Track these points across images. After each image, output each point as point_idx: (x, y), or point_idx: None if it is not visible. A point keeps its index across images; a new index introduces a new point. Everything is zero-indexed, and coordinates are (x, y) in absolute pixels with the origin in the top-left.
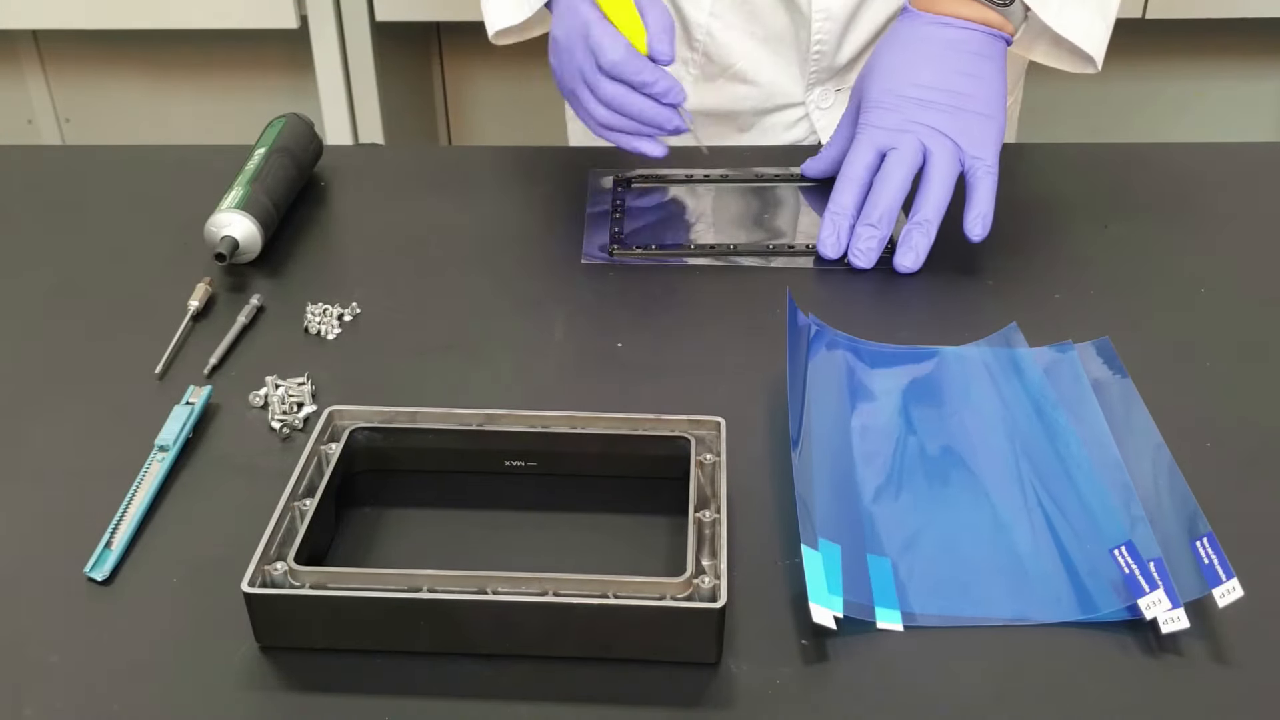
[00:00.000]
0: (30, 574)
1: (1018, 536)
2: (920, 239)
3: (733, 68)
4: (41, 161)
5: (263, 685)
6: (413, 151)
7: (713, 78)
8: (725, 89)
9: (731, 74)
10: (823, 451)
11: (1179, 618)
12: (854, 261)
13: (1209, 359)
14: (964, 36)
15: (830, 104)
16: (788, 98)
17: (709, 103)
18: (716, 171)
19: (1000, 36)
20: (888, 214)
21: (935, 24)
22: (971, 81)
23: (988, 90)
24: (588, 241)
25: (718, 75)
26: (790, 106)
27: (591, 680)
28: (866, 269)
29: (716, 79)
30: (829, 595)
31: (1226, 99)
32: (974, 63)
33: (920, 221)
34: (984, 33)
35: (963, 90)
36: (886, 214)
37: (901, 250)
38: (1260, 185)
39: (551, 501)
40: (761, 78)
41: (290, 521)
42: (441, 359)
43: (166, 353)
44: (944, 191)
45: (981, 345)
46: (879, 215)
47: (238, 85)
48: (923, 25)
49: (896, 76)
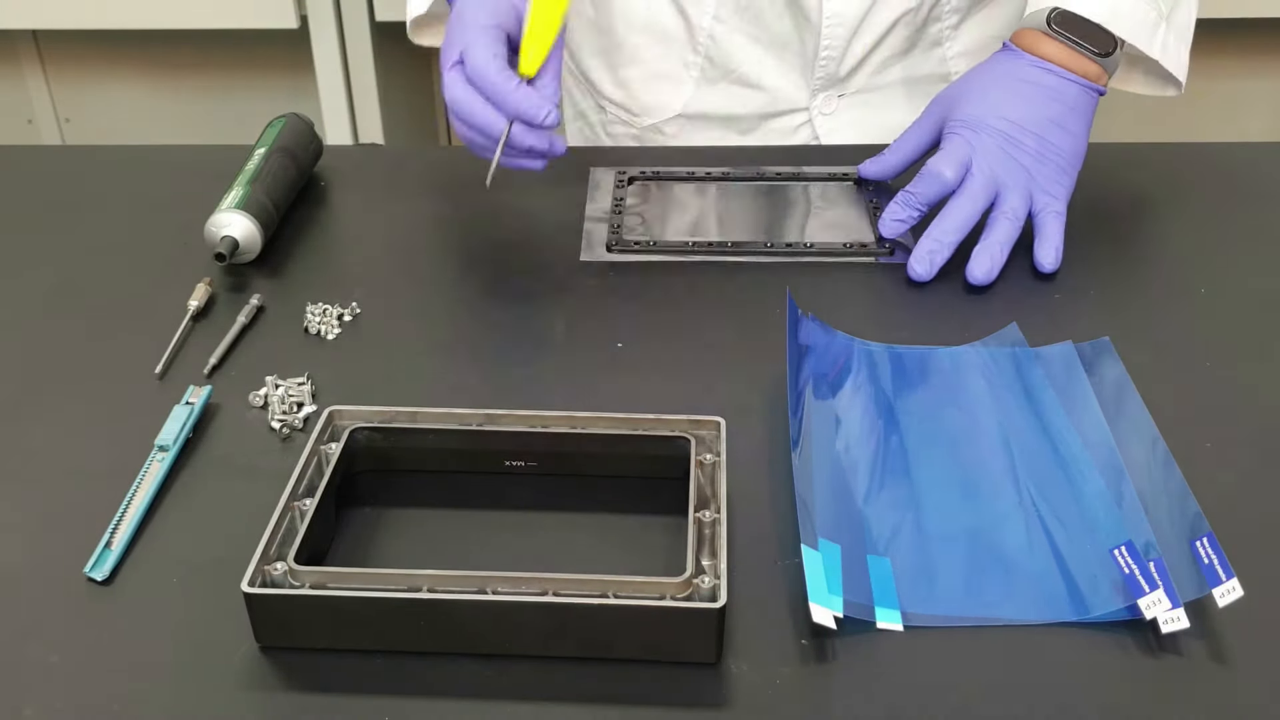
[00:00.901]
0: (30, 574)
1: (1019, 537)
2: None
3: (735, 71)
4: (41, 161)
5: (263, 685)
6: (413, 151)
7: (714, 81)
8: (728, 93)
9: (734, 78)
10: (823, 451)
11: (1179, 618)
12: (912, 273)
13: (1209, 359)
14: (1062, 86)
15: (833, 110)
16: (791, 103)
17: (710, 106)
18: (718, 170)
19: (1094, 90)
20: (958, 230)
21: (1036, 67)
22: (1059, 133)
23: (1073, 145)
24: (587, 240)
25: (720, 79)
26: (793, 112)
27: (591, 680)
28: (924, 280)
29: (718, 82)
30: (829, 595)
31: (1226, 99)
32: (1066, 115)
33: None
34: (1080, 85)
35: (1050, 139)
36: (958, 230)
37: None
38: (1260, 185)
39: (551, 501)
40: (765, 82)
41: (290, 521)
42: (441, 359)
43: (166, 353)
44: (1012, 229)
45: (981, 345)
46: (947, 228)
47: (238, 85)
48: (1024, 65)
49: (989, 107)
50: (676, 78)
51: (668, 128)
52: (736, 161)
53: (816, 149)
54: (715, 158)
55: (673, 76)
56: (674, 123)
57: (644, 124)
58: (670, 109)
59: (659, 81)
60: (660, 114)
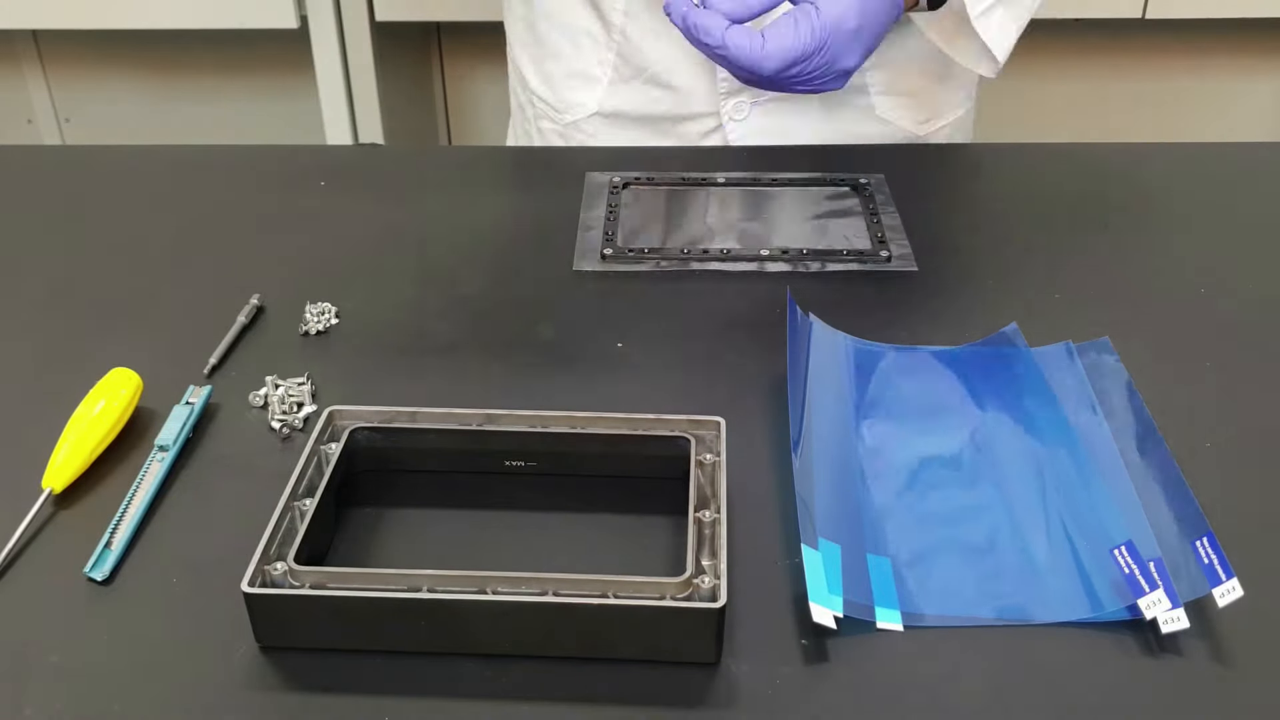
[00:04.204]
0: (30, 574)
1: (1016, 536)
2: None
3: (647, 70)
4: (41, 161)
5: (263, 685)
6: (413, 151)
7: (628, 79)
8: (640, 92)
9: (646, 77)
10: (823, 452)
11: (1179, 618)
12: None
13: (1209, 359)
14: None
15: (745, 116)
16: (702, 106)
17: (624, 105)
18: (712, 174)
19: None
20: None
21: None
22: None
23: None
24: (582, 247)
25: (633, 77)
26: (704, 115)
27: (591, 680)
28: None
29: (631, 81)
30: (829, 595)
31: (1226, 99)
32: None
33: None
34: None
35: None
36: None
37: None
38: (1260, 185)
39: (551, 501)
40: (675, 81)
41: (290, 521)
42: (441, 359)
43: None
44: None
45: (981, 345)
46: None
47: (238, 85)
48: None
49: None
50: (592, 75)
51: (587, 125)
52: (730, 166)
53: (725, 151)
54: (691, 157)
55: (588, 74)
56: (592, 121)
57: (565, 120)
58: (587, 107)
59: (576, 79)
60: (579, 111)
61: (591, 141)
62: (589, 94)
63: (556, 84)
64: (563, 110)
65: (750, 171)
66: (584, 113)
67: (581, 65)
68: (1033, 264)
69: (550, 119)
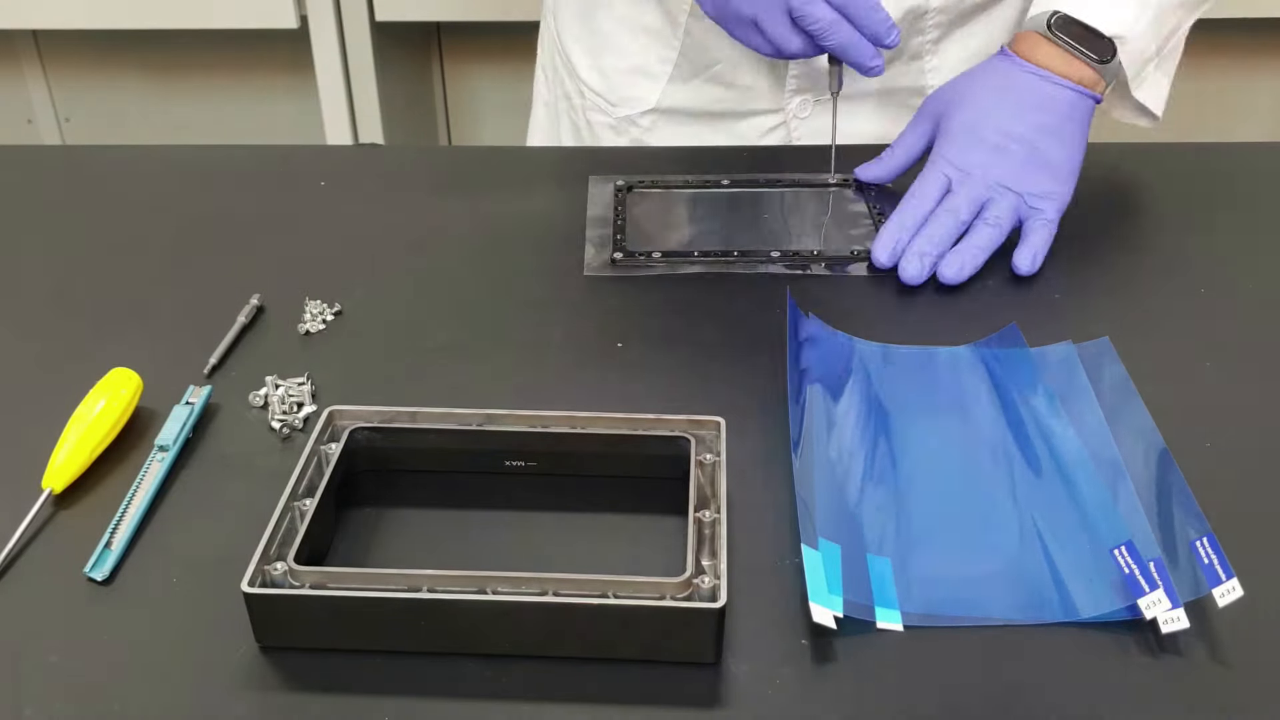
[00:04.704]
0: (30, 574)
1: (1018, 537)
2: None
3: (711, 69)
4: (41, 161)
5: (263, 685)
6: (413, 151)
7: (688, 78)
8: (702, 90)
9: (709, 75)
10: (823, 451)
11: (1179, 618)
12: (903, 274)
13: (1209, 359)
14: (1055, 94)
15: (808, 114)
16: (764, 103)
17: (684, 101)
18: (716, 177)
19: (1089, 97)
20: (944, 242)
21: (1029, 74)
22: (1051, 141)
23: (1067, 154)
24: (589, 251)
25: (694, 75)
26: (768, 113)
27: (591, 680)
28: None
29: (693, 79)
30: (829, 595)
31: (1226, 99)
32: (1060, 124)
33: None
34: (1075, 92)
35: (1041, 148)
36: (943, 241)
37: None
38: (1260, 185)
39: (551, 501)
40: (739, 80)
41: (290, 521)
42: (441, 359)
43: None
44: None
45: (981, 345)
46: (937, 240)
47: (238, 85)
48: (1017, 71)
49: (979, 115)
50: (653, 71)
51: (642, 120)
52: (725, 161)
53: (789, 150)
54: (693, 159)
55: (650, 70)
56: (648, 116)
57: (619, 114)
58: (645, 102)
59: (636, 74)
60: (636, 106)
61: (647, 136)
62: (648, 89)
63: (613, 78)
64: (617, 104)
65: (753, 174)
66: (641, 108)
67: (643, 61)
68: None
69: (603, 111)
